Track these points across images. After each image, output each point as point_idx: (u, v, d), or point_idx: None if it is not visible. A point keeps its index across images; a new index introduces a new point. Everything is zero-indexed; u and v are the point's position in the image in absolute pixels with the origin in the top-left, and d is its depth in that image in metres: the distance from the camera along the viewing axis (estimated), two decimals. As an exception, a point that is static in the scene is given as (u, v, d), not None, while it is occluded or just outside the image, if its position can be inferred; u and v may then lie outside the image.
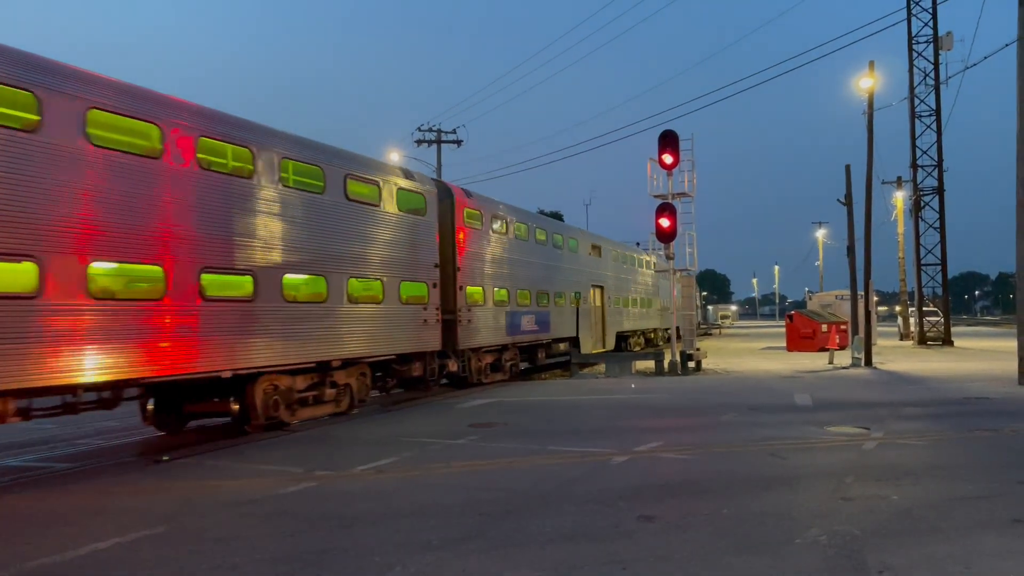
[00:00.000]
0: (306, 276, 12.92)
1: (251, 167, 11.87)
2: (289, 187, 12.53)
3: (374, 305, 14.49)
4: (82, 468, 9.93)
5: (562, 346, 25.05)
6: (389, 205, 15.10)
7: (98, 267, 9.39)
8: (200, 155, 10.94)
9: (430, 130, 40.85)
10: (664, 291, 40.27)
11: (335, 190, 13.57)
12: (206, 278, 10.83)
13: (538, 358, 23.41)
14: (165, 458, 10.19)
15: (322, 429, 12.58)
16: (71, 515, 7.27)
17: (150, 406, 12.11)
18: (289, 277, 12.41)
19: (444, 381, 18.54)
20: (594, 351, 27.71)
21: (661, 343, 40.09)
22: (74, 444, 12.09)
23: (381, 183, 14.93)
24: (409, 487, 8.08)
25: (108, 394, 10.03)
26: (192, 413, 12.59)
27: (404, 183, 15.85)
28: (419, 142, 40.87)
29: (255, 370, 11.64)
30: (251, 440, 11.53)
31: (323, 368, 13.29)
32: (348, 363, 13.93)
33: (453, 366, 17.64)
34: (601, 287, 29.13)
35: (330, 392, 13.55)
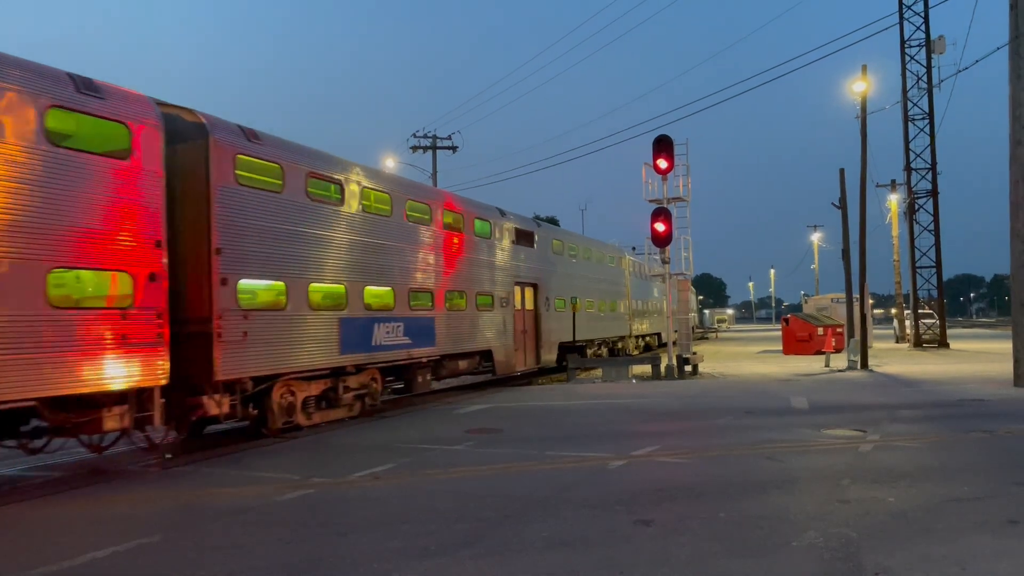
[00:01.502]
0: None
1: None
2: None
3: None
4: (78, 476, 9.92)
5: (463, 363, 18.48)
6: (19, 130, 8.43)
7: None
8: None
9: (425, 136, 40.89)
10: (642, 291, 35.62)
11: None
12: None
13: (417, 382, 16.46)
14: (168, 456, 10.23)
15: (319, 436, 12.58)
16: (69, 523, 7.26)
17: None
18: None
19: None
20: (521, 369, 21.88)
21: (634, 353, 33.15)
22: (70, 453, 12.07)
23: None
24: (406, 493, 8.10)
25: None
26: None
27: (70, 98, 9.12)
28: (415, 148, 40.91)
29: None
30: (248, 447, 11.53)
31: None
32: None
33: (214, 408, 11.03)
34: (534, 285, 22.65)
35: None
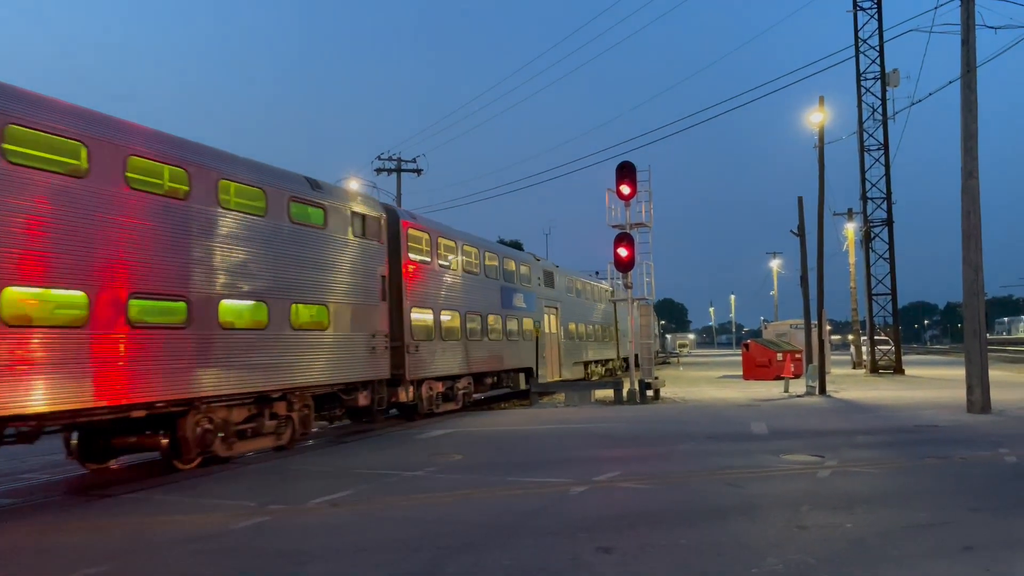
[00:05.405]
0: None
1: None
2: None
3: None
4: (24, 504, 9.58)
5: None
6: None
7: None
8: None
9: (390, 159, 40.78)
10: (479, 298, 21.80)
11: None
12: None
13: None
14: None
15: (276, 461, 12.34)
16: (13, 554, 6.99)
17: None
18: None
19: None
20: None
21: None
22: (17, 479, 11.68)
23: None
24: (365, 521, 7.95)
25: None
26: None
27: None
28: (379, 171, 40.74)
29: None
30: (203, 473, 11.25)
31: None
32: None
33: None
34: None
35: None
